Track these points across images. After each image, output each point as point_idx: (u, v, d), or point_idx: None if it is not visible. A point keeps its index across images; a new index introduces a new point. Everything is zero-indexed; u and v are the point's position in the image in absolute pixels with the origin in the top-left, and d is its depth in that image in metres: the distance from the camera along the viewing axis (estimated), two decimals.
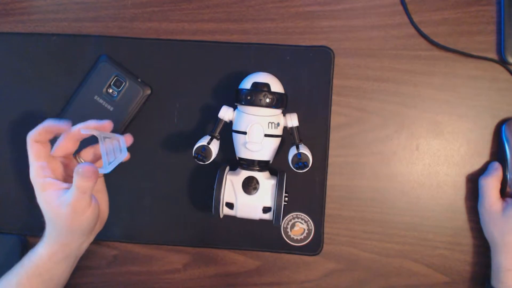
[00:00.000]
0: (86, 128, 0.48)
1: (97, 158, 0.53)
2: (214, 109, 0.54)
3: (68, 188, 0.46)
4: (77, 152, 0.52)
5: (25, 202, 0.59)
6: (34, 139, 0.48)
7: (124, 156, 0.49)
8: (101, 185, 0.54)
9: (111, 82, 0.57)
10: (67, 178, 0.50)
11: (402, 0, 0.58)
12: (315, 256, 0.58)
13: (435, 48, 0.58)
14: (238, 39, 0.59)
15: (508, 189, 0.54)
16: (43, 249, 0.49)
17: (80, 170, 0.44)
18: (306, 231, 0.58)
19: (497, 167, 0.55)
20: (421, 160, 0.58)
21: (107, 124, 0.49)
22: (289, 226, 0.58)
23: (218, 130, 0.52)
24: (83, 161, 0.52)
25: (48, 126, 0.48)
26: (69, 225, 0.47)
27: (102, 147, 0.48)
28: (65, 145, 0.50)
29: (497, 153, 0.57)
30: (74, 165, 0.51)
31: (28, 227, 0.59)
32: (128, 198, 0.59)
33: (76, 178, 0.45)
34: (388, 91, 0.58)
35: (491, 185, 0.54)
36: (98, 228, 0.53)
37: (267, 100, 0.50)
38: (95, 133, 0.48)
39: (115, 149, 0.49)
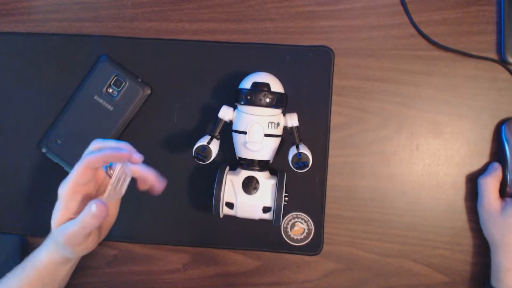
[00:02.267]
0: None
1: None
2: (214, 109, 0.54)
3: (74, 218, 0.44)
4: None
5: (25, 202, 0.59)
6: (89, 165, 0.45)
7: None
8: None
9: (111, 82, 0.57)
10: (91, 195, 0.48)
11: (402, 0, 0.58)
12: (315, 256, 0.58)
13: (435, 48, 0.58)
14: (238, 39, 0.59)
15: (508, 189, 0.54)
16: (44, 254, 0.49)
17: (93, 208, 0.42)
18: (306, 231, 0.58)
19: (496, 167, 0.55)
20: (421, 160, 0.58)
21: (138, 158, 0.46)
22: (289, 226, 0.58)
23: (218, 130, 0.52)
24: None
25: (107, 155, 0.45)
26: (63, 246, 0.46)
27: (114, 178, 0.46)
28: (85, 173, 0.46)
29: (497, 153, 0.57)
30: (102, 179, 0.49)
31: (28, 227, 0.59)
32: (128, 198, 0.59)
33: (85, 212, 0.43)
34: (388, 91, 0.58)
35: (490, 185, 0.54)
36: (102, 236, 0.52)
37: (267, 100, 0.50)
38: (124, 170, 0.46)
39: (122, 179, 0.47)
